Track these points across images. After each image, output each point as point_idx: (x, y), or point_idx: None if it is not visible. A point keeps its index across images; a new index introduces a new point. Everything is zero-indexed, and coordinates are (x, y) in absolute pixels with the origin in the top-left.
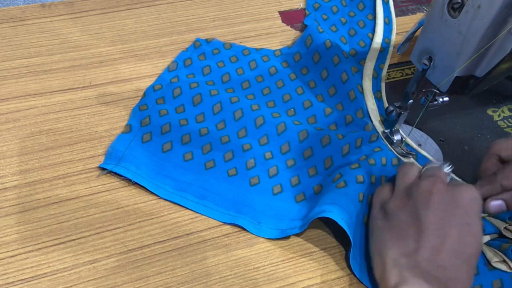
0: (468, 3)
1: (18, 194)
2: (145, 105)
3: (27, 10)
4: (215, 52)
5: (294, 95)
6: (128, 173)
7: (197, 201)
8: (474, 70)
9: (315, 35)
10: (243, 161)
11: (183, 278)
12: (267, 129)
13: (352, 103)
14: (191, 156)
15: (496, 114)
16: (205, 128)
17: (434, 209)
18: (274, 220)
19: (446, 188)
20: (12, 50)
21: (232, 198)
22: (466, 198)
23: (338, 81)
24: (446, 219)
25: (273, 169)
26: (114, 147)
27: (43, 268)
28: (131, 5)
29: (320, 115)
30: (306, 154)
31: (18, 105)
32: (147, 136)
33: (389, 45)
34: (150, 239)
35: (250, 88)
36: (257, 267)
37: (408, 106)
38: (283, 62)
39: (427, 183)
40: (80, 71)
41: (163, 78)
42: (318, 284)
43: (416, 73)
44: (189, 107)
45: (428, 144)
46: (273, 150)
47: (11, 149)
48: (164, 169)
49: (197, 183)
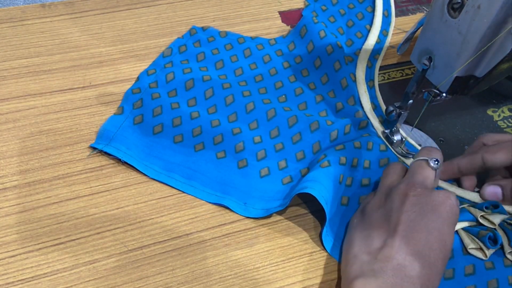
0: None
1: (18, 194)
2: (138, 89)
3: (27, 10)
4: (210, 39)
5: (286, 82)
6: (118, 152)
7: (184, 181)
8: (474, 70)
9: (309, 25)
10: (232, 144)
11: (183, 278)
12: (257, 115)
13: (343, 90)
14: (181, 139)
15: (496, 114)
16: (196, 112)
17: (407, 211)
18: (260, 201)
19: (424, 192)
20: (12, 50)
21: (219, 179)
22: (442, 204)
23: (331, 70)
24: (417, 222)
25: (261, 152)
26: (106, 128)
27: (43, 268)
28: (131, 5)
29: (311, 102)
30: (294, 139)
31: (18, 105)
32: (139, 118)
33: (386, 37)
34: (150, 239)
35: (243, 75)
36: (257, 267)
37: (408, 106)
38: (277, 51)
39: (405, 186)
40: (80, 71)
41: (157, 63)
42: (318, 285)
43: (416, 73)
44: (181, 91)
45: (428, 144)
46: (262, 134)
47: (11, 149)
48: (153, 150)
49: (185, 164)
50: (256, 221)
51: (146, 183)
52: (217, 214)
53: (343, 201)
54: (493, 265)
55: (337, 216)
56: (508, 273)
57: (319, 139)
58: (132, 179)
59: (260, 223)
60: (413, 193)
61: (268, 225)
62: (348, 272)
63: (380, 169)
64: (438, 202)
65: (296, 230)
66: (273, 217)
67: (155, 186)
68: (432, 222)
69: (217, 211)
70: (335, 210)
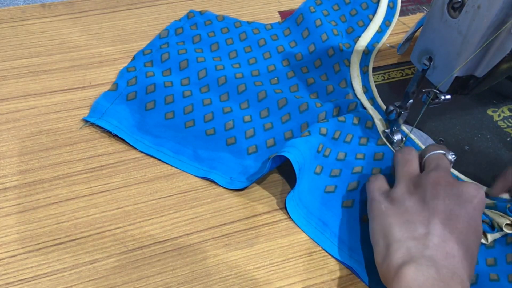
0: (468, 3)
1: (18, 194)
2: (133, 67)
3: (27, 10)
4: (207, 23)
5: (279, 65)
6: (110, 126)
7: (173, 155)
8: (474, 70)
9: (306, 14)
10: (222, 122)
11: (183, 278)
12: (248, 95)
13: (336, 74)
14: (172, 115)
15: (496, 114)
16: (188, 90)
17: (443, 199)
18: (245, 176)
19: (454, 181)
20: (12, 50)
21: (207, 155)
22: (474, 195)
23: (325, 55)
24: (455, 211)
25: (250, 131)
26: (99, 102)
27: (43, 268)
28: (131, 5)
29: (303, 85)
30: (283, 119)
31: (18, 105)
32: (132, 95)
33: (389, 27)
34: (150, 239)
35: (237, 57)
36: (257, 267)
37: (408, 106)
38: (273, 35)
39: (436, 174)
40: (80, 71)
41: (154, 44)
42: (318, 285)
43: (416, 73)
44: (175, 71)
45: (428, 144)
46: (252, 114)
47: (11, 149)
48: (144, 125)
49: (175, 139)
50: (256, 221)
51: (146, 183)
52: (217, 214)
53: (317, 170)
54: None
55: (306, 183)
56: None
57: (307, 120)
58: (132, 179)
59: (260, 223)
60: (445, 182)
61: (268, 225)
62: (392, 257)
63: (362, 146)
64: (471, 194)
65: (296, 230)
66: (273, 217)
67: (155, 186)
68: (468, 212)
69: (217, 211)
70: (307, 177)
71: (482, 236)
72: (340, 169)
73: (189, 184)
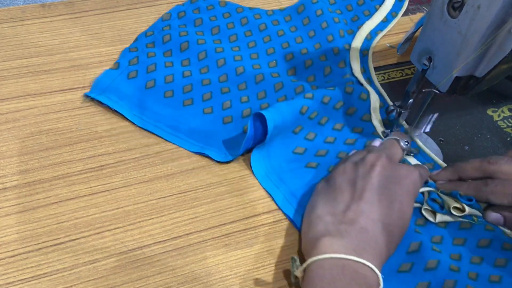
0: (468, 3)
1: (18, 194)
2: (135, 48)
3: (27, 10)
4: (209, 8)
5: (278, 48)
6: (110, 101)
7: (170, 131)
8: (474, 70)
9: (307, 4)
10: (219, 102)
11: (183, 278)
12: (246, 77)
13: (335, 55)
14: (172, 94)
15: (496, 114)
16: (188, 71)
17: (372, 180)
18: (239, 150)
19: (390, 164)
20: (12, 50)
21: (203, 132)
22: (406, 178)
23: (324, 40)
24: (381, 191)
25: (247, 110)
26: (101, 80)
27: (43, 268)
28: (131, 5)
29: (300, 67)
30: (279, 100)
31: (18, 105)
32: (133, 74)
33: (394, 18)
34: (150, 239)
35: (237, 41)
36: (257, 267)
37: (408, 105)
38: (274, 21)
39: (373, 156)
40: (80, 71)
41: (156, 26)
42: None
43: (416, 73)
44: (176, 52)
45: (428, 144)
46: (250, 95)
47: (11, 149)
48: (144, 102)
49: (173, 117)
50: (256, 221)
51: (146, 183)
52: (217, 214)
53: (296, 130)
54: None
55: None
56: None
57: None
58: (132, 179)
59: (260, 223)
60: (380, 164)
61: (268, 225)
62: (312, 231)
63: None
64: (402, 175)
65: (296, 230)
66: (273, 217)
67: (155, 186)
68: (394, 193)
69: (217, 211)
70: (282, 135)
71: (409, 216)
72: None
73: (189, 184)
